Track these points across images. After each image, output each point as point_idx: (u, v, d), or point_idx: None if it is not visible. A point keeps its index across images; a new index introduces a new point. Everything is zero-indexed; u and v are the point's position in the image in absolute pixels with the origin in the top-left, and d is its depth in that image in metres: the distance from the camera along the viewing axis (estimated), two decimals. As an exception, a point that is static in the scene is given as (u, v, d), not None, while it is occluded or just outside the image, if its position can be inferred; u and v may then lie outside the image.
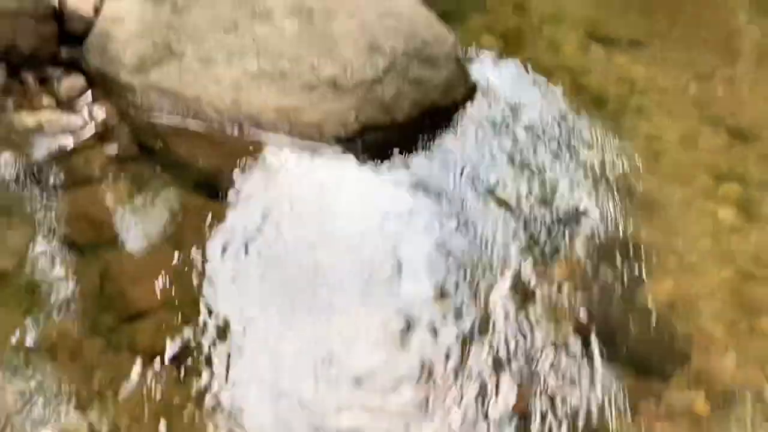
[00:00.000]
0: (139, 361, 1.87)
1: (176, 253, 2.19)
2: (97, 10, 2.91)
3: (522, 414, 1.88)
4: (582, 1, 4.43)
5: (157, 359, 1.89)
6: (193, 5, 2.81)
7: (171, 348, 1.92)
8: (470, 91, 3.10)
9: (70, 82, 2.72)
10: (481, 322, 2.09)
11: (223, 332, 1.98)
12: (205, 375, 1.88)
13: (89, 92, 2.73)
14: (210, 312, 2.03)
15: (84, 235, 2.19)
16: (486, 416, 1.87)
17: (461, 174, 2.68)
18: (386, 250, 2.28)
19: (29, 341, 1.92)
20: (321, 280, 2.16)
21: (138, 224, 2.25)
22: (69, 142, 2.47)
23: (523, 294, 2.21)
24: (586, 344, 2.09)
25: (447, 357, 1.99)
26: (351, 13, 2.76)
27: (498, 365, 1.98)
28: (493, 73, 3.41)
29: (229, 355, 1.93)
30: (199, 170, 2.52)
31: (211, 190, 2.45)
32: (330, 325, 2.04)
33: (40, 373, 1.85)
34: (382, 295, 2.14)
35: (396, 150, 2.75)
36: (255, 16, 2.74)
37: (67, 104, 2.67)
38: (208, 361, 1.91)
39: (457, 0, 4.22)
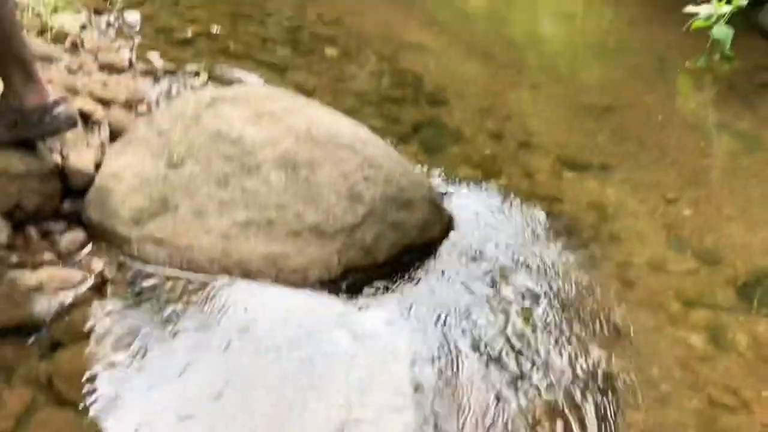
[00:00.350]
0: None
1: (172, 407, 2.29)
2: (97, 166, 3.14)
3: None
4: (554, 126, 4.69)
5: None
6: (187, 160, 3.03)
7: None
8: (447, 226, 3.30)
9: (70, 237, 2.89)
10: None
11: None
12: None
13: (89, 245, 2.89)
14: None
15: (80, 393, 2.29)
16: None
17: (437, 312, 2.82)
18: (356, 394, 2.35)
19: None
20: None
21: (133, 380, 2.35)
22: (68, 297, 2.60)
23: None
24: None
25: None
26: (333, 165, 2.98)
27: None
28: (470, 206, 3.60)
29: None
30: (191, 319, 2.65)
31: (201, 338, 2.57)
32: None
33: None
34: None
35: (376, 289, 2.90)
36: (244, 170, 2.96)
37: (67, 257, 2.82)
38: None
39: (437, 130, 4.49)
